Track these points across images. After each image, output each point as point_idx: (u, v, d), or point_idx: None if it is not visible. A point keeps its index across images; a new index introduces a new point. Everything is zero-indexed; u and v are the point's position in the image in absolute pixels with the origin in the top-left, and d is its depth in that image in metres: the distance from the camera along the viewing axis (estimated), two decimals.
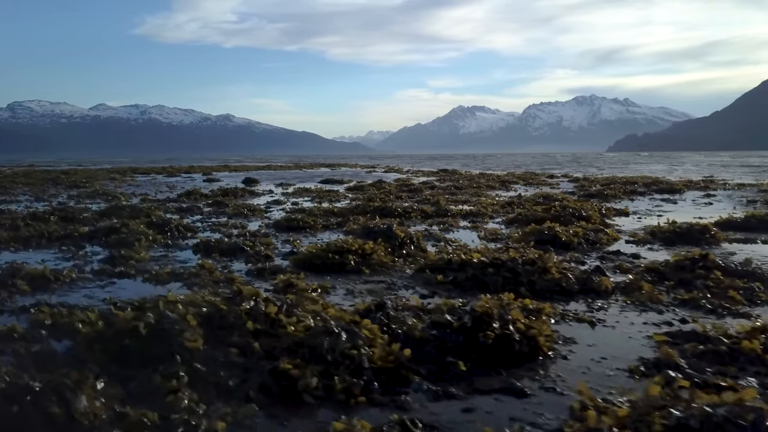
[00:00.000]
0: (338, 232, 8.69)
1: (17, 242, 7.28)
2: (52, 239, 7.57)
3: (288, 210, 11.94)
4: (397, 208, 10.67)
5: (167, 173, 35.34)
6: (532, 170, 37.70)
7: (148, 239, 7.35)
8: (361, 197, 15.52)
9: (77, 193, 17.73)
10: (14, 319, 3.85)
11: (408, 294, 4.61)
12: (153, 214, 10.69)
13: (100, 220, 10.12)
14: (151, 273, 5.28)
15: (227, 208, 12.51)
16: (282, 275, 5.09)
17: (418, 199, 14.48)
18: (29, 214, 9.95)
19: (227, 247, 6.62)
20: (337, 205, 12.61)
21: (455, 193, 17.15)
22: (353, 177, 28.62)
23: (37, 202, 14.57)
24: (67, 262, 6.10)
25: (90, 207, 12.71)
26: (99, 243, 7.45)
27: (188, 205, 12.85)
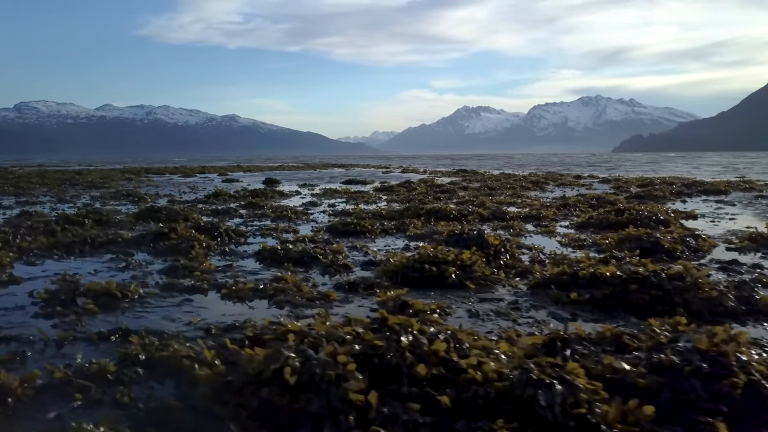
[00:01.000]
0: (399, 237, 7.99)
1: (59, 249, 6.61)
2: (95, 245, 6.90)
3: (331, 213, 11.26)
4: (451, 210, 9.96)
5: (182, 173, 34.72)
6: (553, 171, 36.91)
7: (201, 246, 6.67)
8: (396, 198, 14.84)
9: (99, 193, 17.09)
10: (94, 350, 3.17)
11: (542, 316, 3.91)
12: (192, 217, 10.05)
13: (137, 223, 9.47)
14: (227, 288, 4.59)
15: (264, 210, 11.85)
16: (382, 291, 4.39)
17: (459, 201, 13.77)
18: (62, 217, 9.29)
19: (296, 256, 5.93)
20: (380, 207, 11.93)
21: (491, 193, 16.42)
22: (373, 177, 27.91)
23: (61, 203, 13.93)
24: (121, 273, 5.43)
25: (119, 209, 12.06)
26: (148, 250, 6.77)
27: (222, 207, 12.18)
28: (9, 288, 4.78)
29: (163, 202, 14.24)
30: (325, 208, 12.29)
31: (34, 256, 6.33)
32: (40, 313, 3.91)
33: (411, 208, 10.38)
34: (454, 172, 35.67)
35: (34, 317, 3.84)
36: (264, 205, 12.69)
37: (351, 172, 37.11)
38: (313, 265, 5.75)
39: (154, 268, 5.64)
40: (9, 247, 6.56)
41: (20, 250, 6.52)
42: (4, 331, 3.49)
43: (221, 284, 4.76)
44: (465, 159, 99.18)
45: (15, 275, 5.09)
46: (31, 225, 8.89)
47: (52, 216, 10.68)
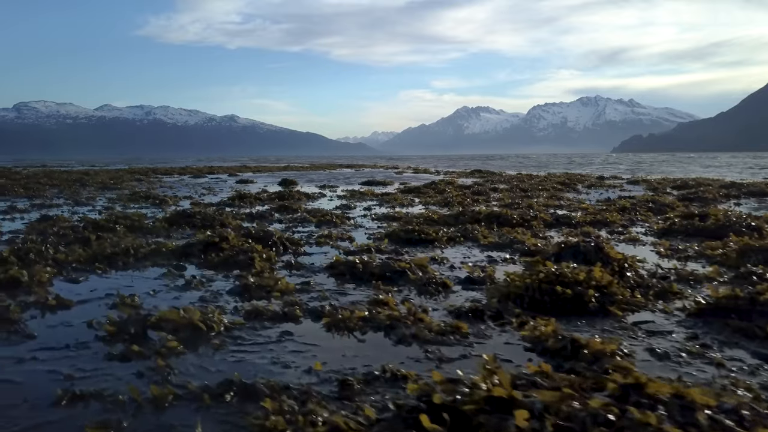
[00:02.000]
0: (471, 246, 7.17)
1: (100, 261, 5.79)
2: (138, 257, 6.08)
3: (373, 217, 10.43)
4: (512, 215, 9.15)
5: (191, 174, 33.89)
6: (568, 171, 36.09)
7: (262, 258, 5.86)
8: (431, 200, 14.02)
9: (115, 195, 16.27)
10: (212, 419, 2.35)
11: (744, 355, 3.10)
12: (229, 222, 9.24)
13: (171, 229, 8.65)
14: (327, 315, 3.77)
15: (299, 213, 11.05)
16: (525, 322, 3.58)
17: (501, 203, 12.96)
18: (90, 223, 8.47)
19: (379, 271, 5.11)
20: (426, 210, 11.12)
21: (527, 195, 15.61)
22: (390, 178, 27.04)
23: (78, 206, 13.10)
24: (183, 293, 4.61)
25: (143, 212, 11.25)
26: (199, 262, 5.95)
27: (253, 210, 11.36)
28: (59, 314, 3.96)
29: (186, 205, 13.44)
30: (363, 212, 11.48)
31: (74, 270, 5.52)
32: (113, 354, 3.10)
33: (466, 212, 9.55)
34: (470, 173, 34.85)
35: (107, 360, 3.03)
36: (297, 208, 11.88)
37: (362, 173, 36.29)
38: (402, 282, 4.93)
39: (219, 286, 4.83)
40: (44, 259, 5.74)
41: (57, 263, 5.70)
42: (78, 384, 2.68)
43: (315, 310, 3.94)
44: (467, 159, 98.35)
45: (62, 297, 4.27)
46: (57, 231, 8.07)
47: (75, 220, 9.88)
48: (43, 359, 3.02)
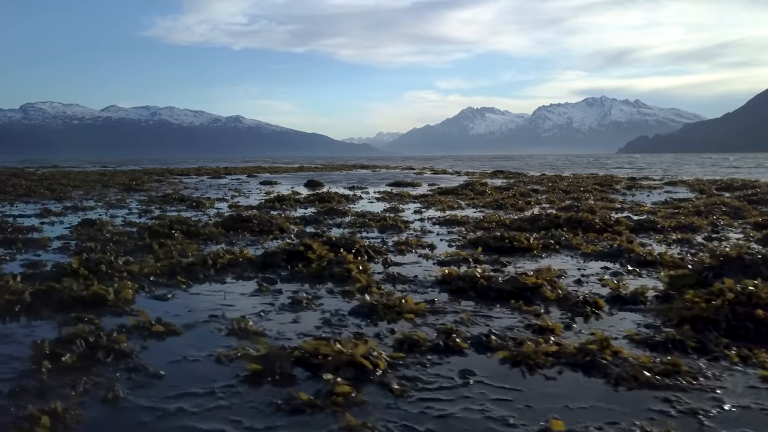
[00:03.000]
0: (573, 254, 6.51)
1: (180, 274, 5.16)
2: (218, 268, 5.45)
3: (436, 221, 9.77)
4: (593, 219, 8.48)
5: (209, 175, 33.32)
6: (586, 173, 35.35)
7: (359, 270, 5.21)
8: (479, 203, 13.35)
9: (145, 197, 15.67)
10: None
11: None
12: (287, 227, 8.62)
13: (228, 234, 8.02)
14: (507, 349, 3.13)
15: (349, 216, 10.43)
16: (749, 354, 2.93)
17: (560, 207, 12.31)
18: (143, 228, 7.85)
19: (509, 287, 4.46)
20: (476, 214, 10.48)
21: (575, 197, 14.92)
22: (415, 179, 26.27)
23: (113, 209, 12.50)
24: (297, 312, 3.98)
25: (186, 216, 10.63)
26: (287, 275, 5.32)
27: (301, 213, 10.74)
28: (172, 343, 3.33)
29: (224, 208, 12.83)
30: (416, 216, 10.83)
31: (153, 284, 4.89)
32: (279, 405, 2.45)
33: (541, 216, 8.88)
34: (492, 173, 34.15)
35: (276, 413, 2.38)
36: (345, 211, 11.26)
37: (380, 174, 35.64)
38: (538, 301, 4.29)
39: (333, 305, 4.19)
40: (116, 271, 5.12)
41: (132, 275, 5.08)
42: None
43: (478, 340, 3.30)
44: (475, 160, 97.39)
45: (165, 321, 3.64)
46: (111, 238, 7.46)
47: (119, 224, 9.27)
48: (196, 413, 2.38)
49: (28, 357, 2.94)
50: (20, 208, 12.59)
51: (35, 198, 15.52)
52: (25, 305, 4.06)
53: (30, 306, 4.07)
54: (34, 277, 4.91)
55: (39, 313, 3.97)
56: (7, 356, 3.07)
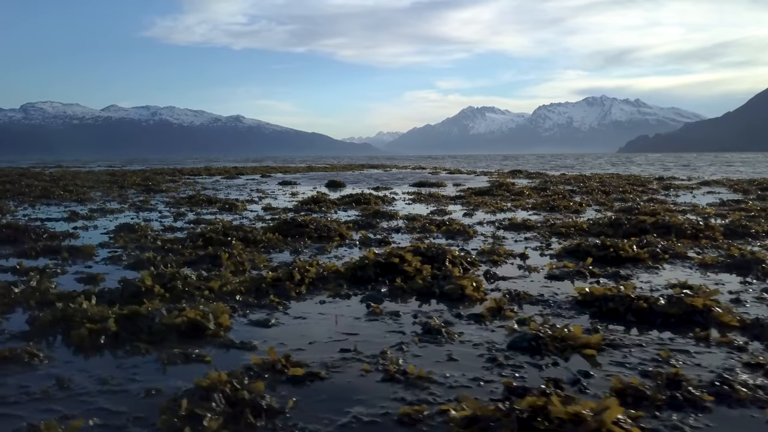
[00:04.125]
0: (691, 265, 5.79)
1: (271, 292, 4.45)
2: (308, 284, 4.74)
3: (499, 225, 9.05)
4: (682, 224, 7.77)
5: (221, 175, 32.60)
6: (602, 172, 34.64)
7: (473, 287, 4.51)
8: (526, 204, 12.63)
9: (170, 198, 14.95)
10: None
11: None
12: (345, 233, 7.91)
13: (285, 241, 7.32)
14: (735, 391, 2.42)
15: (397, 220, 9.74)
16: None
17: (619, 209, 11.62)
18: (196, 235, 7.14)
19: (676, 310, 3.75)
20: (534, 217, 9.78)
21: (621, 199, 14.21)
22: (434, 179, 25.48)
23: (142, 211, 11.79)
24: (443, 345, 3.27)
25: (220, 218, 9.93)
26: (387, 291, 4.61)
27: (354, 217, 10.03)
28: (320, 393, 2.62)
29: (258, 210, 12.13)
30: (468, 219, 10.12)
31: (243, 305, 4.18)
32: None
33: (620, 220, 8.16)
34: (511, 173, 33.41)
35: None
36: (392, 214, 10.55)
37: (395, 174, 34.91)
38: (712, 325, 3.58)
39: (476, 336, 3.47)
40: (195, 289, 4.41)
41: (213, 293, 4.38)
42: None
43: (715, 388, 2.59)
44: (479, 159, 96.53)
45: (294, 359, 2.93)
46: (162, 246, 6.75)
47: (159, 230, 8.57)
48: None
49: (160, 421, 2.23)
50: (43, 211, 11.89)
51: (55, 200, 14.81)
52: (110, 336, 3.35)
53: (116, 337, 3.36)
54: (103, 297, 4.20)
55: (130, 346, 3.26)
56: (121, 415, 2.36)
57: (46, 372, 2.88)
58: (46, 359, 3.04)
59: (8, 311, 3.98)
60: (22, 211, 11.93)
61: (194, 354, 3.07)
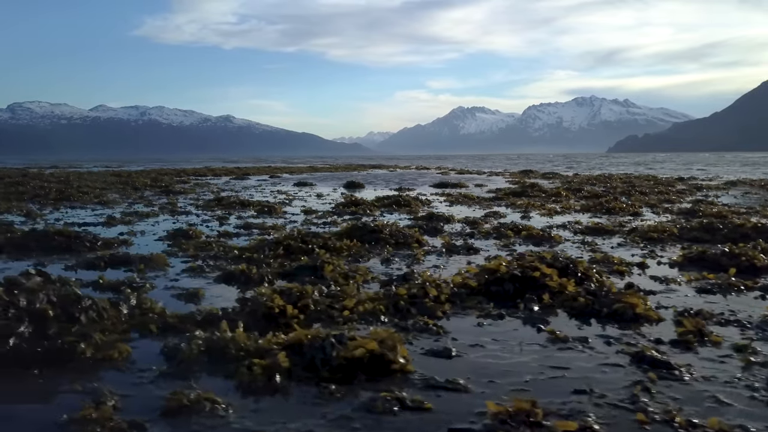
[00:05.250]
0: None
1: (418, 312, 3.89)
2: (444, 301, 4.18)
3: (573, 229, 8.53)
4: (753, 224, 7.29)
5: (230, 175, 31.92)
6: (603, 172, 34.30)
7: (644, 305, 3.97)
8: (576, 206, 12.14)
9: (196, 200, 14.29)
10: None
11: None
12: (420, 239, 7.36)
13: (363, 248, 6.75)
14: None
15: (456, 224, 9.20)
16: None
17: (679, 210, 11.16)
18: (273, 243, 6.54)
19: None
20: (595, 220, 9.28)
21: (667, 200, 13.76)
22: (450, 180, 24.92)
23: (178, 215, 11.16)
24: (694, 381, 2.73)
25: (259, 221, 9.34)
26: (540, 311, 4.06)
27: (419, 222, 9.46)
28: None
29: (296, 212, 11.56)
30: (528, 222, 9.60)
31: (399, 328, 3.61)
32: None
33: (713, 225, 7.66)
34: (523, 173, 32.95)
35: None
36: (449, 217, 10.00)
37: (402, 174, 34.41)
38: None
39: (707, 369, 2.94)
40: (332, 310, 3.84)
41: (352, 313, 3.81)
42: None
43: None
44: (475, 159, 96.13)
45: (547, 409, 2.38)
46: (240, 255, 6.16)
47: (213, 236, 7.97)
48: None
49: None
50: (73, 215, 11.23)
51: (75, 202, 14.13)
52: (283, 373, 2.78)
53: (289, 374, 2.79)
54: (230, 318, 3.62)
55: (315, 387, 2.69)
56: None
57: (242, 427, 2.31)
58: (229, 408, 2.46)
59: (128, 339, 3.39)
60: (49, 214, 11.27)
61: (409, 400, 2.50)
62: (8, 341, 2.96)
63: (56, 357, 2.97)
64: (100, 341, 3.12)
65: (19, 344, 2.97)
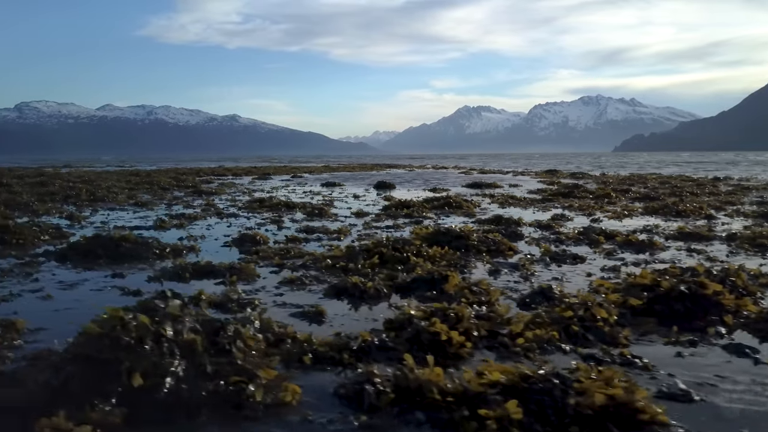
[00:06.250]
0: None
1: (607, 344, 3.34)
2: (612, 324, 3.63)
3: (669, 235, 7.95)
4: None
5: (251, 175, 31.43)
6: (631, 172, 33.63)
7: None
8: (648, 207, 11.55)
9: (232, 201, 13.77)
10: None
11: None
12: (511, 246, 6.80)
13: (456, 257, 6.20)
14: None
15: (524, 227, 8.63)
16: None
17: (752, 213, 10.57)
18: (367, 251, 5.99)
19: None
20: (675, 225, 8.71)
21: (729, 202, 13.15)
22: (485, 179, 24.39)
23: (224, 217, 10.65)
24: None
25: (326, 224, 8.81)
26: (728, 333, 3.51)
27: (490, 226, 8.90)
28: None
29: (346, 216, 11.00)
30: (599, 225, 9.02)
31: (593, 359, 3.07)
32: None
33: None
34: (548, 173, 32.28)
35: None
36: (517, 221, 9.43)
37: (422, 174, 33.83)
38: None
39: None
40: (494, 341, 3.29)
41: (535, 341, 3.26)
42: None
43: None
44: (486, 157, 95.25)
45: None
46: (333, 264, 5.62)
47: (282, 241, 7.44)
48: None
49: None
50: (116, 217, 10.73)
51: (109, 203, 13.65)
52: (516, 426, 2.23)
53: (521, 427, 2.24)
54: (388, 347, 3.08)
55: None
56: None
57: None
58: None
59: (290, 376, 2.85)
60: (91, 217, 10.78)
61: None
62: (164, 382, 2.42)
63: (222, 401, 2.44)
64: (265, 381, 2.58)
65: (177, 386, 2.43)
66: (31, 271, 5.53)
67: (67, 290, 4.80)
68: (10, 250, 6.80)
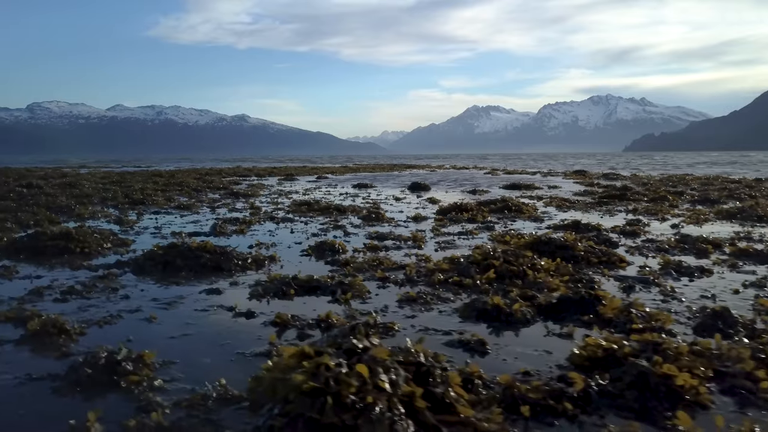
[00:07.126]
0: None
1: None
2: None
3: None
4: None
5: (276, 176, 30.98)
6: (662, 172, 32.88)
7: None
8: (715, 211, 10.95)
9: (275, 204, 13.27)
10: None
11: None
12: (621, 257, 6.24)
13: (574, 273, 5.65)
14: None
15: (604, 234, 8.05)
16: None
17: None
18: (475, 263, 5.45)
19: None
20: None
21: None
22: (522, 180, 23.78)
23: (280, 222, 10.15)
24: None
25: (396, 231, 8.27)
26: None
27: (582, 234, 8.34)
28: None
29: (407, 221, 10.46)
30: (681, 231, 8.44)
31: None
32: None
33: None
34: (576, 173, 31.60)
35: None
36: (596, 226, 8.85)
37: (445, 175, 33.18)
38: None
39: None
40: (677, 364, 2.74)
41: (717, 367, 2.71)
42: None
43: None
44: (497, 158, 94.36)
45: None
46: (446, 279, 5.08)
47: (362, 248, 6.91)
48: None
49: None
50: (168, 222, 10.24)
51: (152, 206, 13.17)
52: None
53: None
54: (607, 392, 2.54)
55: None
56: None
57: None
58: None
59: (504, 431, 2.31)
60: (140, 221, 10.30)
61: None
62: None
63: None
64: None
65: None
66: (115, 285, 5.03)
67: (167, 309, 4.29)
68: (76, 260, 6.33)
